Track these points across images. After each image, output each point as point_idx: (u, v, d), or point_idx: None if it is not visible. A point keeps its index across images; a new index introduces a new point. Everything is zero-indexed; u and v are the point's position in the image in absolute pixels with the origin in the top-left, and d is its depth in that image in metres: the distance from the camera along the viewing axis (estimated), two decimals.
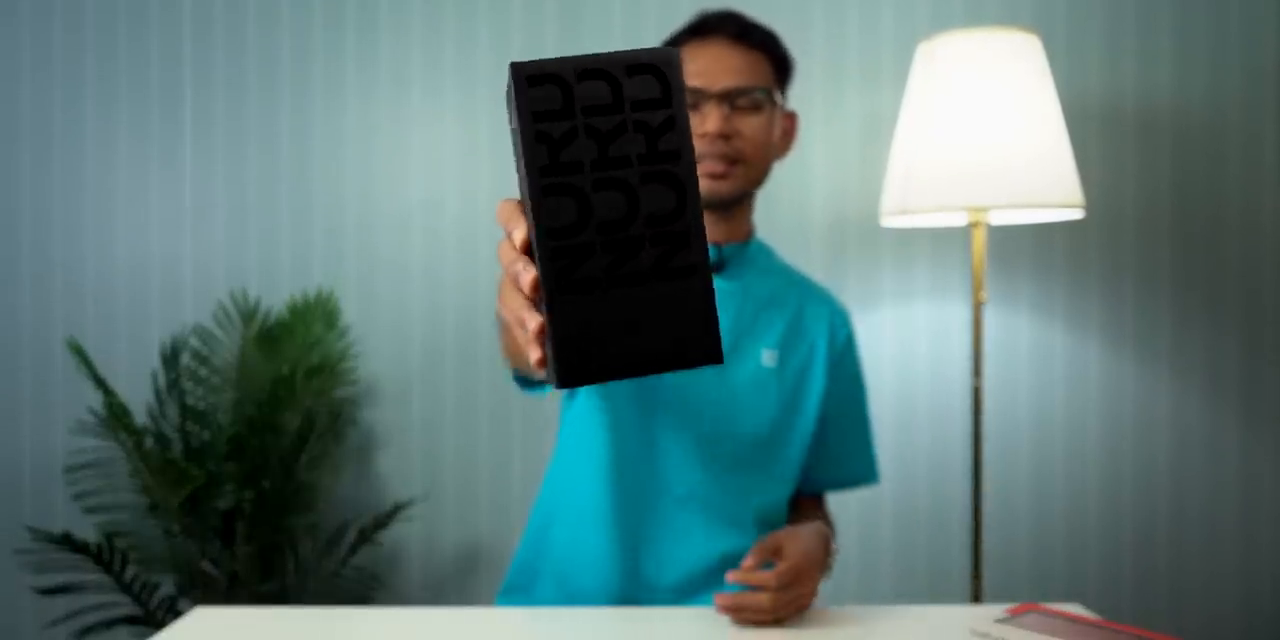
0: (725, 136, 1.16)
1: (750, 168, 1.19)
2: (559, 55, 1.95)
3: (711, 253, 1.23)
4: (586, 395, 1.23)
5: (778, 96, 1.21)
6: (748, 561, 1.05)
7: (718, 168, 1.17)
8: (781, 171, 2.14)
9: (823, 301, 1.30)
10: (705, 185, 1.18)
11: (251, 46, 2.17)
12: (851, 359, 1.31)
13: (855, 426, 1.31)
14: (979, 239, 1.83)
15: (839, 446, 1.31)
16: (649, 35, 2.14)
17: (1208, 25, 2.11)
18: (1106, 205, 2.12)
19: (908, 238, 2.13)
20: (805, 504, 1.35)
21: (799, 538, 1.09)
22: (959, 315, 2.13)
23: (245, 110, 2.18)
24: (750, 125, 1.18)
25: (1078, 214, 1.96)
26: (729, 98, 1.16)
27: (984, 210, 1.73)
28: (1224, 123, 2.11)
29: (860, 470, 1.32)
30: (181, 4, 2.18)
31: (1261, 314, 2.12)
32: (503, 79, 2.15)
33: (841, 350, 1.29)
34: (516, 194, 2.14)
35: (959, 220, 1.94)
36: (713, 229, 1.24)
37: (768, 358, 1.22)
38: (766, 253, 1.30)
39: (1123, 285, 2.12)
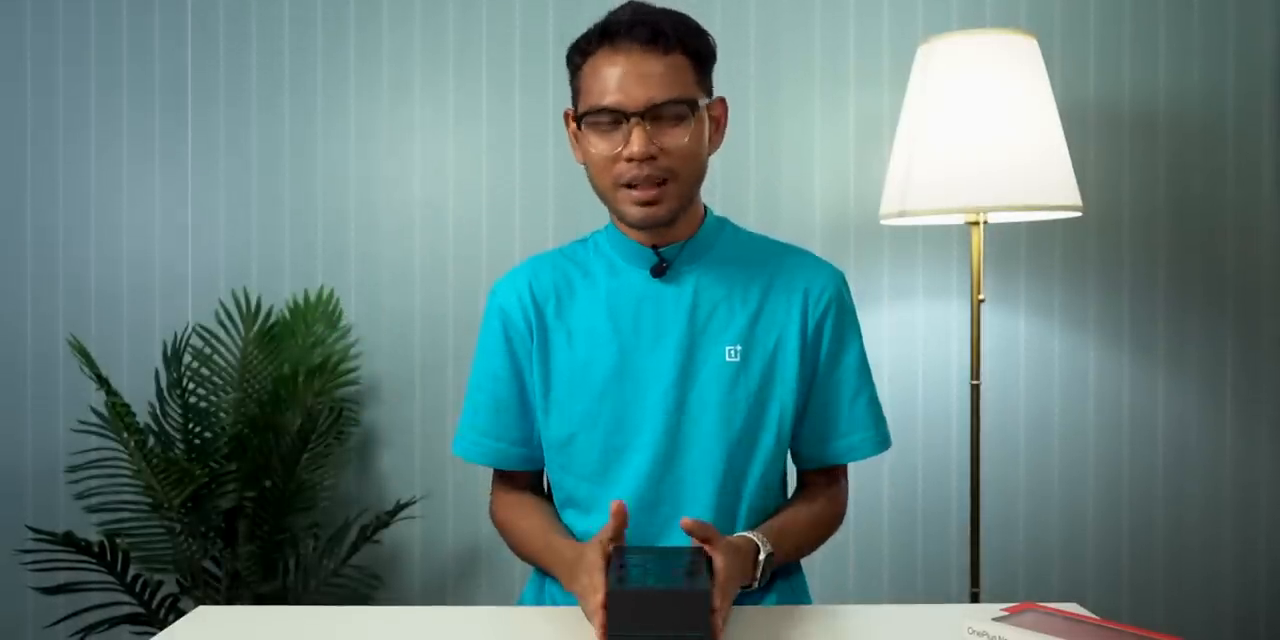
0: (652, 157, 1.12)
1: (682, 182, 1.15)
2: (559, 55, 1.99)
3: (649, 257, 1.22)
4: (561, 413, 1.22)
5: (702, 101, 1.16)
6: (692, 525, 1.02)
7: (649, 193, 1.13)
8: (782, 172, 2.14)
9: (799, 274, 1.24)
10: (640, 213, 1.15)
11: (254, 46, 2.18)
12: (836, 325, 1.23)
13: (844, 395, 1.24)
14: (977, 238, 1.84)
15: (829, 418, 1.25)
16: None
17: (1203, 26, 2.12)
18: (1104, 205, 2.12)
19: (906, 237, 2.13)
20: (812, 481, 1.30)
21: (731, 557, 1.04)
22: (958, 314, 2.13)
23: (247, 110, 2.18)
24: (676, 138, 1.13)
25: (1076, 214, 1.97)
26: (651, 114, 1.11)
27: (982, 212, 1.74)
28: (1220, 123, 2.12)
29: (855, 442, 1.24)
30: (184, 4, 2.18)
31: (1258, 312, 2.12)
32: (503, 79, 2.15)
33: (820, 319, 1.22)
34: (514, 194, 2.15)
35: (957, 219, 1.95)
36: (649, 237, 1.22)
37: (730, 354, 1.20)
38: (723, 236, 1.25)
39: (1120, 284, 2.13)
